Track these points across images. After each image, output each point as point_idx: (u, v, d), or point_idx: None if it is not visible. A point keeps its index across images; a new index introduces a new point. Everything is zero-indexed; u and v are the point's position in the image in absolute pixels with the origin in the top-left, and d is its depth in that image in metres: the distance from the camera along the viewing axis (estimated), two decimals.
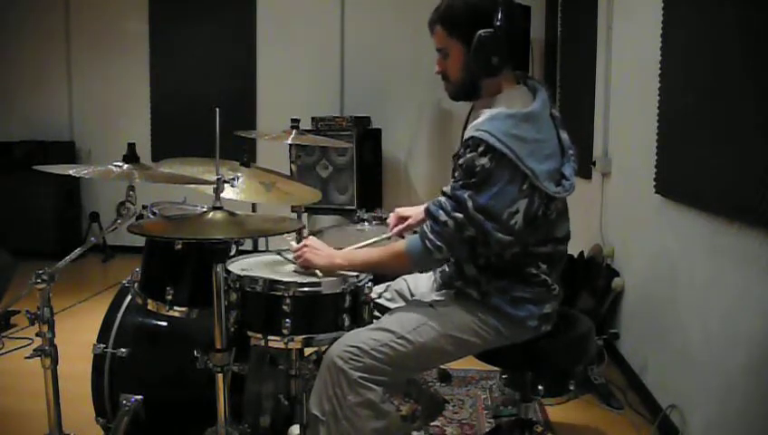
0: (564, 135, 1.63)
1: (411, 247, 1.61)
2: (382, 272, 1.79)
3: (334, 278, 1.65)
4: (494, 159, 1.50)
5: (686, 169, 2.28)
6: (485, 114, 1.59)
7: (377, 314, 1.79)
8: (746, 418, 1.85)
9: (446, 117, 5.16)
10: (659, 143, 2.52)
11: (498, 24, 1.53)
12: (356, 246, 1.80)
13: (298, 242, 2.08)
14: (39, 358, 1.64)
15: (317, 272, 1.68)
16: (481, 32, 1.54)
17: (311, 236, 1.80)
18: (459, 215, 1.53)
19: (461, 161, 1.55)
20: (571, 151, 1.62)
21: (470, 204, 1.51)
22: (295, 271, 1.74)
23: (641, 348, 2.83)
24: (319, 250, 1.70)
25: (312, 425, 1.58)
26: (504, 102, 1.60)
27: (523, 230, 1.55)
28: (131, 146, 1.67)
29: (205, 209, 1.66)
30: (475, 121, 1.61)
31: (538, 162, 1.52)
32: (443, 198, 1.57)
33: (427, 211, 1.60)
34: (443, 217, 1.55)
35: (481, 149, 1.50)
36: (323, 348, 1.73)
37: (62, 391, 1.70)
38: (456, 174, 1.58)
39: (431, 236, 1.57)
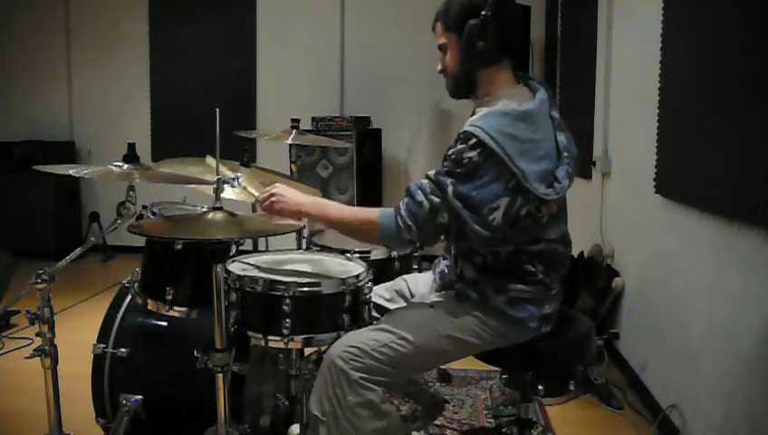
0: (562, 137, 1.62)
1: (383, 219, 1.60)
2: (347, 234, 1.73)
3: (334, 279, 1.66)
4: (483, 155, 1.50)
5: (686, 168, 2.28)
6: (482, 111, 1.60)
7: (376, 314, 1.80)
8: (747, 418, 1.85)
9: (445, 117, 5.17)
10: (659, 143, 2.52)
11: (488, 13, 1.55)
12: None
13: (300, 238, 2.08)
14: (39, 358, 1.64)
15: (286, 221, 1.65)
16: (471, 20, 1.57)
17: (278, 184, 1.77)
18: (436, 199, 1.53)
19: (450, 152, 1.55)
20: (566, 154, 1.60)
21: (450, 189, 1.51)
22: (294, 271, 1.74)
23: (641, 348, 2.83)
24: (287, 198, 1.68)
25: (312, 425, 1.58)
26: (502, 102, 1.61)
27: (501, 228, 1.54)
28: (131, 146, 1.67)
29: (205, 209, 1.67)
30: (471, 118, 1.61)
31: (529, 162, 1.51)
32: (425, 181, 1.57)
33: (407, 189, 1.60)
34: (420, 196, 1.55)
35: (471, 142, 1.51)
36: (323, 348, 1.73)
37: (62, 391, 1.70)
38: (444, 164, 1.57)
39: (403, 214, 1.57)
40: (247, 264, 1.80)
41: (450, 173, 1.53)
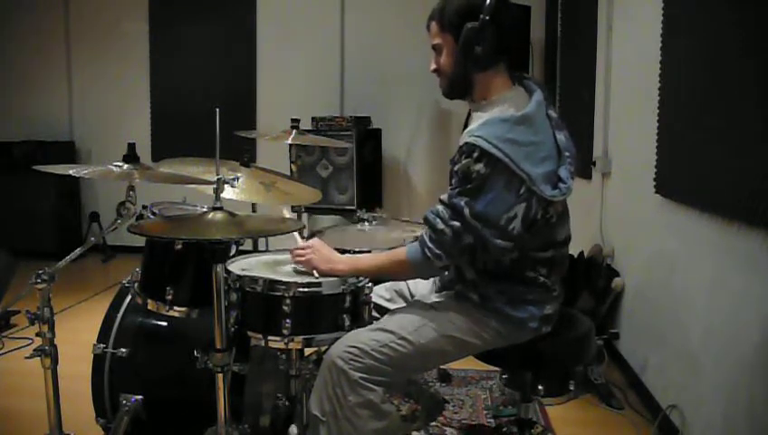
0: (561, 136, 1.61)
1: (412, 255, 1.61)
2: (384, 278, 1.80)
3: (334, 279, 1.66)
4: (490, 165, 1.49)
5: (685, 168, 2.28)
6: (480, 119, 1.59)
7: (376, 314, 1.79)
8: (747, 418, 1.85)
9: (445, 117, 5.17)
10: (659, 143, 2.52)
11: (486, 17, 1.54)
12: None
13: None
14: (39, 358, 1.64)
15: (314, 272, 1.68)
16: (468, 24, 1.56)
17: (315, 238, 1.79)
18: (456, 223, 1.53)
19: (456, 168, 1.55)
20: (567, 153, 1.60)
21: (467, 211, 1.51)
22: (295, 270, 1.74)
23: (641, 348, 2.83)
24: (322, 253, 1.70)
25: (312, 425, 1.58)
26: (499, 106, 1.60)
27: (522, 235, 1.55)
28: (131, 146, 1.67)
29: (205, 209, 1.67)
30: (470, 127, 1.60)
31: (533, 166, 1.51)
32: (440, 207, 1.57)
33: (425, 220, 1.60)
34: (440, 225, 1.55)
35: (476, 154, 1.50)
36: (323, 348, 1.73)
37: (62, 391, 1.70)
38: (453, 181, 1.57)
39: (430, 245, 1.57)
40: (248, 264, 1.80)
41: (461, 192, 1.53)
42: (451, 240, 1.54)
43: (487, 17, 1.54)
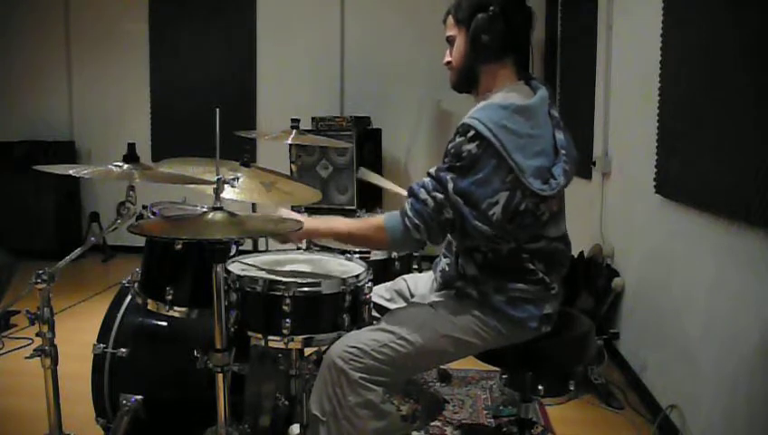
0: (560, 136, 1.62)
1: (390, 223, 1.61)
2: (358, 244, 1.76)
3: (334, 279, 1.66)
4: (481, 147, 1.51)
5: (686, 169, 2.28)
6: (480, 104, 1.61)
7: (376, 314, 1.80)
8: (747, 418, 1.85)
9: (445, 117, 5.16)
10: (659, 143, 2.52)
11: (496, 9, 1.59)
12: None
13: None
14: (39, 358, 1.64)
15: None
16: (478, 15, 1.60)
17: (282, 210, 1.77)
18: (439, 195, 1.54)
19: (450, 146, 1.57)
20: (564, 152, 1.60)
21: (450, 185, 1.52)
22: (293, 272, 1.74)
23: (641, 348, 2.83)
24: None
25: (312, 425, 1.58)
26: (501, 96, 1.62)
27: (502, 224, 1.55)
28: (131, 146, 1.68)
29: (205, 209, 1.66)
30: (470, 111, 1.62)
31: (525, 157, 1.52)
32: (426, 179, 1.59)
33: (410, 190, 1.61)
34: (423, 195, 1.56)
35: (470, 135, 1.52)
36: (323, 348, 1.73)
37: (62, 391, 1.70)
38: (445, 159, 1.58)
39: (410, 214, 1.58)
40: (247, 264, 1.80)
41: (450, 168, 1.54)
42: (432, 212, 1.55)
43: (497, 9, 1.58)
